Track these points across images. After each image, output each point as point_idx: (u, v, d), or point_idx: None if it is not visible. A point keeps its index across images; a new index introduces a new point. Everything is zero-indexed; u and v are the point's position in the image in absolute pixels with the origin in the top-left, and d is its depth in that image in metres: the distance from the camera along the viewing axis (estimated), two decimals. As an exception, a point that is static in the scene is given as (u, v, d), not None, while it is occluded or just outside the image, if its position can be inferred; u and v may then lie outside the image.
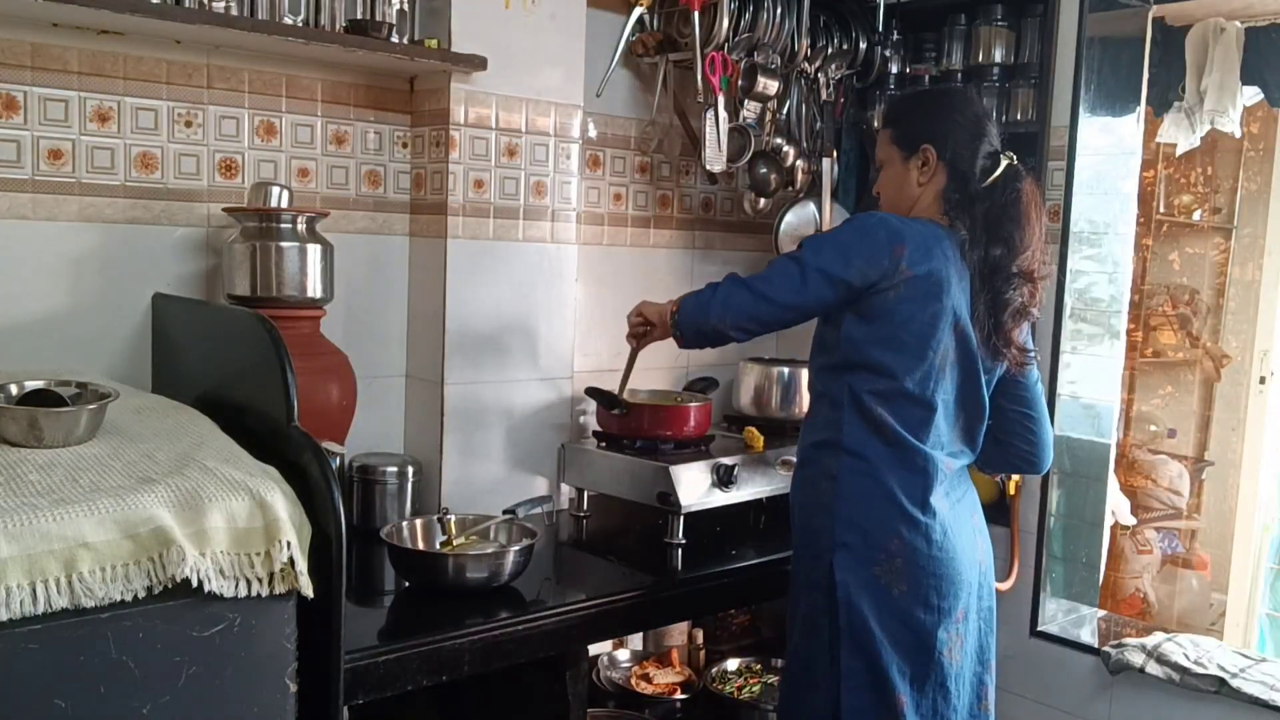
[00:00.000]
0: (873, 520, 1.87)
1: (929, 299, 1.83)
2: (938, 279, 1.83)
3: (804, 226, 2.94)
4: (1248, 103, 3.20)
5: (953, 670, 1.90)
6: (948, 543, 1.88)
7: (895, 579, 1.86)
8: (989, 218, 1.88)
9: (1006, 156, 1.92)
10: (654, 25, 2.73)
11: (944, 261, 1.85)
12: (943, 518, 1.88)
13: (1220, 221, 3.75)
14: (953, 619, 1.89)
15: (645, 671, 2.84)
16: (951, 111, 1.95)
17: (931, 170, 1.93)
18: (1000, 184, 1.90)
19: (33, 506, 1.22)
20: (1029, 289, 1.89)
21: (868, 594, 1.86)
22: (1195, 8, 2.99)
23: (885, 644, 1.86)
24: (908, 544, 1.86)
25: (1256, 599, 3.63)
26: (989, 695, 1.99)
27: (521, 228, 2.48)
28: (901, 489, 1.87)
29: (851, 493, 1.89)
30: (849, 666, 1.88)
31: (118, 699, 1.27)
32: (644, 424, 2.50)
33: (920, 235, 1.85)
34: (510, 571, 1.96)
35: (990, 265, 1.87)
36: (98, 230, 2.06)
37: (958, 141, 1.91)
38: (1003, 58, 2.80)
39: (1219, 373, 3.72)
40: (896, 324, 1.84)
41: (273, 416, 1.57)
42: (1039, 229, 1.90)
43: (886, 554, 1.86)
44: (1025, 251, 1.87)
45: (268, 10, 2.09)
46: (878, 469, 1.88)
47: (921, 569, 1.86)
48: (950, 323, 1.85)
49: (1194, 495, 3.69)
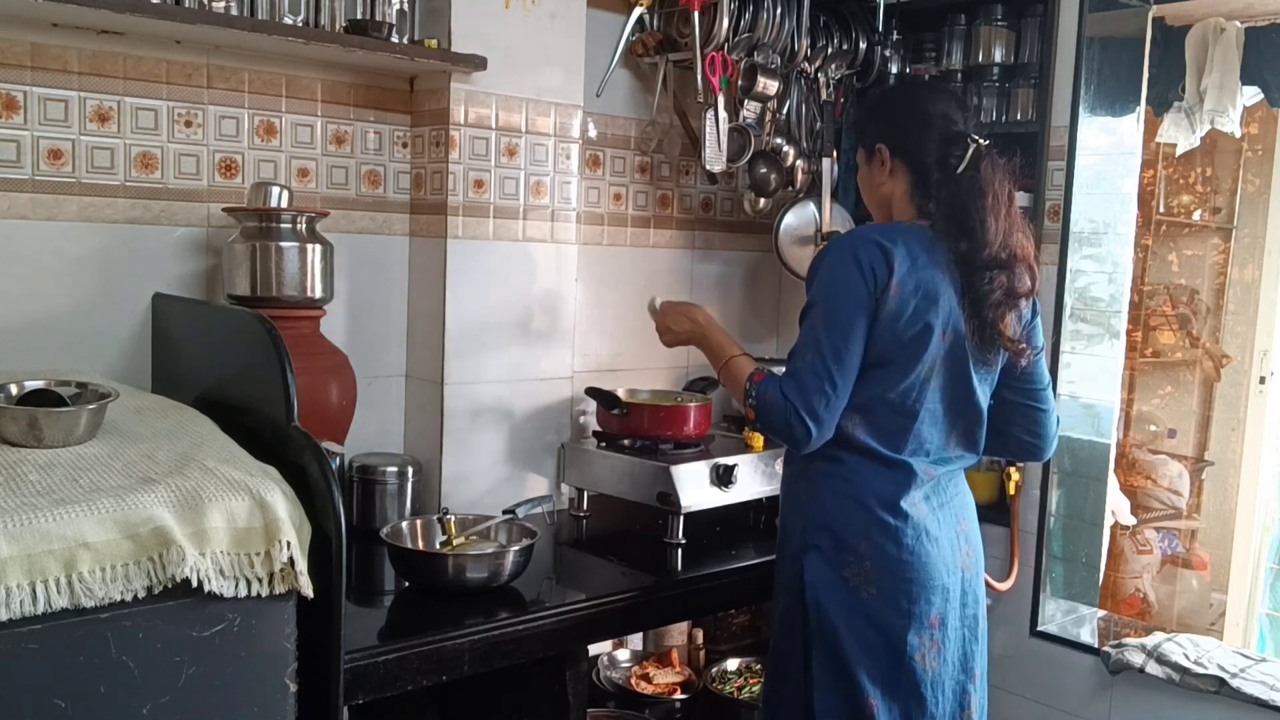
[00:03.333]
0: (842, 522, 1.86)
1: (919, 313, 1.79)
2: (927, 291, 1.79)
3: (804, 227, 2.94)
4: (1248, 103, 3.20)
5: (927, 676, 1.86)
6: (920, 547, 1.85)
7: (864, 581, 1.84)
8: (951, 209, 1.83)
9: (973, 140, 1.85)
10: (654, 25, 2.72)
11: (932, 270, 1.80)
12: (917, 521, 1.85)
13: (1220, 222, 3.75)
14: (925, 624, 1.85)
15: (645, 671, 2.84)
16: (897, 106, 1.95)
17: (888, 168, 1.91)
18: (964, 173, 1.83)
19: (33, 506, 1.22)
20: (1004, 276, 1.82)
21: (836, 596, 1.85)
22: (1195, 8, 2.99)
23: (854, 646, 1.84)
24: (877, 547, 1.83)
25: (1256, 599, 3.63)
26: (973, 704, 1.94)
27: (521, 228, 2.48)
28: (873, 492, 1.85)
29: (823, 495, 1.88)
30: (820, 666, 1.86)
31: (118, 699, 1.27)
32: (644, 424, 2.50)
33: (909, 241, 1.81)
34: (510, 571, 1.96)
35: (961, 259, 1.82)
36: (98, 230, 2.06)
37: (905, 134, 1.89)
38: (1003, 58, 2.80)
39: (1219, 373, 3.72)
40: (883, 339, 1.79)
41: (273, 416, 1.57)
42: (1003, 211, 1.82)
43: (856, 556, 1.84)
44: (993, 241, 1.80)
45: (268, 10, 2.09)
46: (850, 472, 1.86)
47: (891, 573, 1.83)
48: (940, 331, 1.81)
49: (1194, 495, 3.69)
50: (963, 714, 1.92)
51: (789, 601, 1.92)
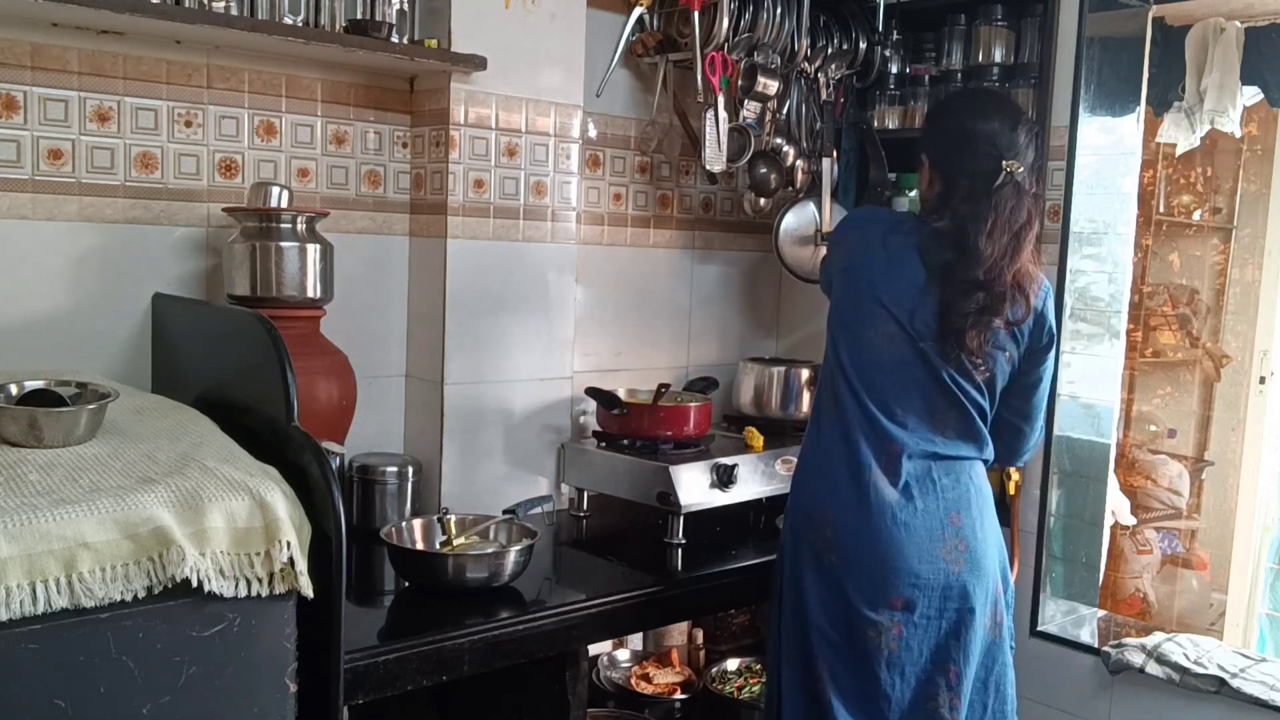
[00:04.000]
0: (809, 493, 2.00)
1: (850, 276, 1.98)
2: (856, 259, 1.97)
3: (804, 227, 2.94)
4: (1248, 103, 3.20)
5: (882, 654, 1.90)
6: (886, 529, 1.90)
7: (825, 549, 1.95)
8: (956, 223, 1.89)
9: (1007, 167, 1.88)
10: (654, 25, 2.72)
11: (868, 244, 1.97)
12: (884, 502, 1.90)
13: (1220, 222, 3.74)
14: (882, 601, 1.90)
15: (645, 671, 2.84)
16: (941, 120, 2.03)
17: (928, 177, 2.00)
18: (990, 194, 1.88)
19: (33, 506, 1.22)
20: (982, 296, 1.87)
21: (800, 561, 1.98)
22: (1195, 8, 2.99)
23: (813, 609, 1.95)
24: (838, 519, 1.93)
25: (1256, 599, 3.63)
26: (942, 699, 1.92)
27: (521, 228, 2.48)
28: (841, 466, 1.94)
29: (803, 465, 2.05)
30: (785, 627, 2.00)
31: (118, 699, 1.27)
32: (644, 424, 2.50)
33: (864, 218, 2.08)
34: (510, 571, 1.96)
35: (944, 269, 1.89)
36: (98, 230, 2.06)
37: (943, 150, 1.97)
38: (1002, 58, 2.80)
39: (1219, 373, 3.72)
40: (837, 301, 2.01)
41: (273, 416, 1.57)
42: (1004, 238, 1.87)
43: (820, 523, 1.95)
44: (984, 264, 1.87)
45: (268, 10, 2.09)
46: (825, 445, 1.98)
47: (851, 547, 1.92)
48: (876, 301, 1.91)
49: (1194, 495, 3.69)
50: (928, 706, 1.93)
51: (775, 564, 2.10)
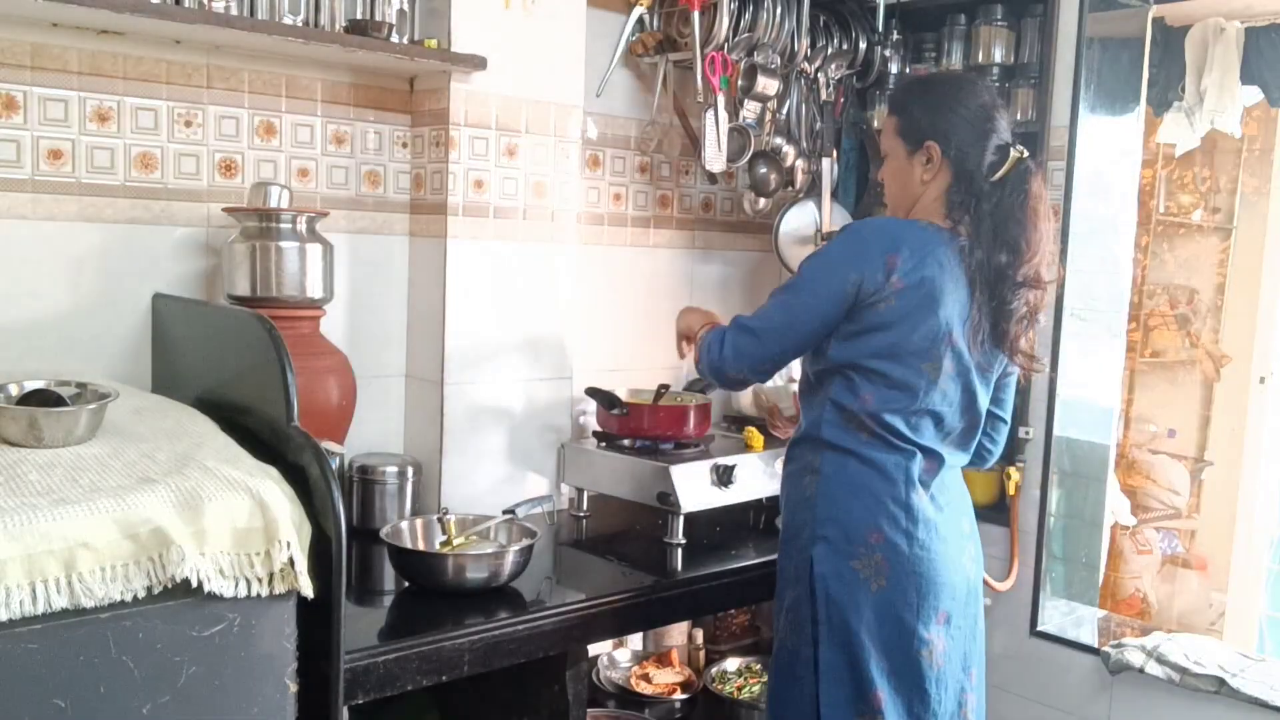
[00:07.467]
0: (852, 515, 1.85)
1: (922, 310, 1.79)
2: (930, 290, 1.78)
3: (804, 227, 2.94)
4: (1247, 103, 3.21)
5: (932, 673, 1.86)
6: (930, 542, 1.85)
7: (874, 574, 1.84)
8: (995, 220, 1.81)
9: (1017, 150, 1.84)
10: (654, 25, 2.73)
11: (938, 270, 1.79)
12: (926, 517, 1.85)
13: (1219, 221, 3.75)
14: (934, 620, 1.86)
15: (645, 671, 2.84)
16: (957, 104, 1.85)
17: (935, 168, 1.86)
18: (1008, 183, 1.82)
19: (33, 506, 1.22)
20: (1035, 294, 1.83)
21: (847, 588, 1.85)
22: (1195, 8, 3.00)
23: (863, 638, 1.84)
24: (888, 540, 1.83)
25: (1256, 599, 3.64)
26: (970, 704, 1.94)
27: (521, 228, 2.48)
28: (882, 485, 1.85)
29: (833, 487, 1.88)
30: (828, 659, 1.86)
31: (118, 699, 1.27)
32: (644, 424, 2.50)
33: (918, 242, 1.80)
34: (510, 571, 1.96)
35: (995, 272, 1.81)
36: (97, 230, 2.06)
37: (963, 138, 1.83)
38: (1003, 58, 2.80)
39: (1219, 373, 3.72)
40: (889, 336, 1.80)
41: (273, 416, 1.57)
42: (1047, 232, 1.83)
43: (866, 548, 1.84)
44: (1033, 258, 1.81)
45: (268, 10, 2.09)
46: (859, 465, 1.86)
47: (901, 566, 1.84)
48: (945, 334, 1.80)
49: (1194, 495, 3.69)
50: (961, 712, 1.93)
51: (797, 594, 1.92)
